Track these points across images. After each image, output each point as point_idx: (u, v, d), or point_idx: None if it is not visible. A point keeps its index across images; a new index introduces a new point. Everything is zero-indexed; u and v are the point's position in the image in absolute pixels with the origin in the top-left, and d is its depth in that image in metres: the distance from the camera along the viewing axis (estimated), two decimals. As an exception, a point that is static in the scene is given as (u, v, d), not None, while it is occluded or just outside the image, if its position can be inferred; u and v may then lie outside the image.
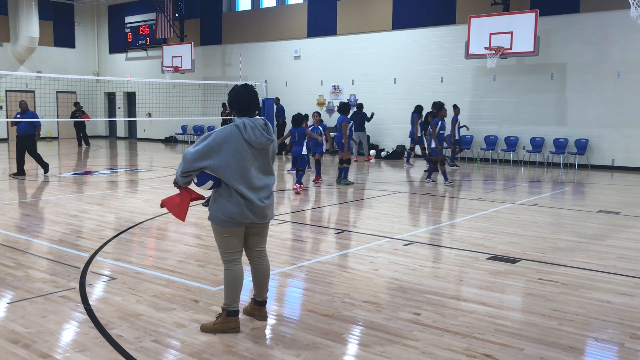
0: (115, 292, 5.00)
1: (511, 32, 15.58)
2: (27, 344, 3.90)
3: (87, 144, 23.46)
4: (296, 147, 11.12)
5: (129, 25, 27.92)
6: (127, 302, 4.74)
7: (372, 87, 20.07)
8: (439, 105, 12.57)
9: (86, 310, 4.54)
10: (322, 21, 21.16)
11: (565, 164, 16.72)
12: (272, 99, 21.30)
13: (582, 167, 16.34)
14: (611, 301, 4.87)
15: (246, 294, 4.76)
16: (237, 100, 4.06)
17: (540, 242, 7.04)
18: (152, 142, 26.95)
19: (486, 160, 18.06)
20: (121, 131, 29.51)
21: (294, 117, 11.13)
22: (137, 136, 28.74)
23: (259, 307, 4.35)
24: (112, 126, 30.12)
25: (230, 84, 21.93)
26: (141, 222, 8.11)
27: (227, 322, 4.08)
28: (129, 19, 28.06)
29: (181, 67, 23.06)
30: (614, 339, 4.10)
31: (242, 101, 4.05)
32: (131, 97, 28.34)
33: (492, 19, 15.99)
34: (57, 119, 25.78)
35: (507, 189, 12.25)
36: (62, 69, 27.17)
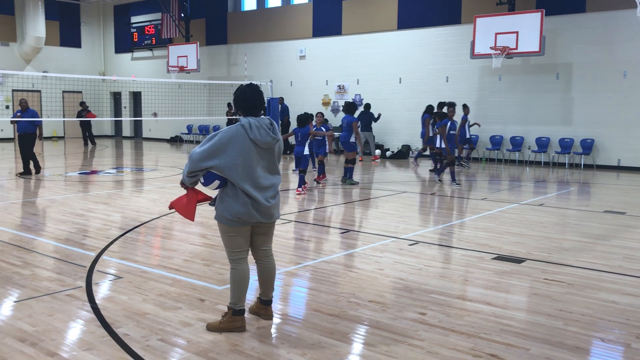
0: (121, 291, 5.02)
1: (517, 32, 15.55)
2: (34, 342, 3.92)
3: (93, 143, 23.53)
4: (298, 147, 11.06)
5: (134, 25, 27.99)
6: (133, 300, 4.76)
7: (377, 87, 20.06)
8: (449, 104, 12.66)
9: (92, 309, 4.56)
10: (327, 21, 21.16)
11: (570, 164, 16.67)
12: (277, 99, 21.31)
13: (588, 167, 16.29)
14: (617, 301, 4.85)
15: (252, 293, 4.78)
16: (243, 99, 4.07)
17: (545, 242, 7.03)
18: (157, 141, 27.02)
19: (491, 160, 18.02)
20: (127, 131, 29.59)
21: (299, 117, 11.09)
22: (143, 136, 28.81)
23: (264, 307, 4.37)
24: (117, 126, 30.21)
25: (235, 83, 21.95)
26: (147, 222, 8.13)
27: (233, 321, 4.10)
28: (134, 19, 28.14)
29: (187, 67, 23.10)
30: (620, 339, 4.10)
31: (248, 101, 4.07)
32: (137, 96, 28.42)
33: (498, 19, 15.96)
34: (64, 118, 25.87)
35: (512, 189, 12.22)
36: (68, 68, 27.26)
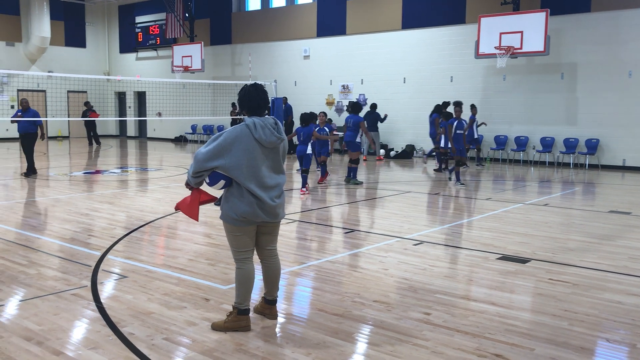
0: (126, 290, 5.03)
1: (521, 32, 15.51)
2: (40, 341, 3.94)
3: (97, 143, 23.58)
4: (301, 147, 11.00)
5: (139, 25, 28.04)
6: (138, 300, 4.77)
7: (382, 87, 20.05)
8: (456, 103, 12.61)
9: (98, 308, 4.58)
10: (331, 21, 21.16)
11: (575, 164, 16.62)
12: (282, 99, 21.32)
13: (593, 167, 16.24)
14: (622, 302, 4.84)
15: (256, 292, 4.78)
16: (247, 99, 4.08)
17: (550, 243, 7.02)
18: (162, 141, 27.06)
19: (496, 160, 17.99)
20: (131, 130, 29.65)
21: (303, 116, 11.06)
22: (147, 135, 28.86)
23: (269, 306, 4.37)
24: (122, 125, 30.27)
25: (239, 83, 21.97)
26: (152, 221, 8.15)
27: (238, 320, 4.11)
28: (139, 19, 28.18)
29: (191, 67, 23.13)
30: (625, 339, 4.09)
31: (252, 101, 4.08)
32: (141, 96, 28.47)
33: (502, 19, 15.93)
34: (68, 118, 25.94)
35: (517, 189, 12.20)
36: (73, 68, 27.33)
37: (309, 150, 11.01)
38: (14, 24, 26.00)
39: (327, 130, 12.10)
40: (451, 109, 13.76)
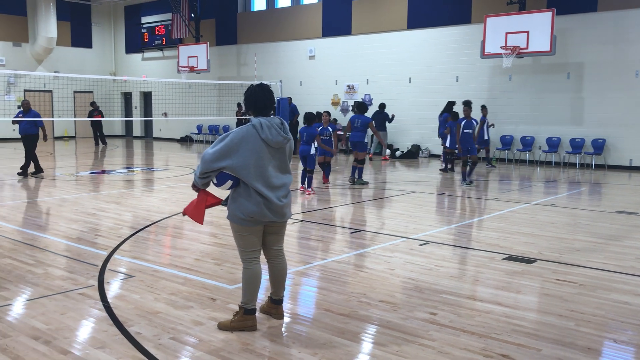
0: (133, 289, 5.05)
1: (527, 32, 15.48)
2: (47, 340, 3.96)
3: (104, 143, 23.66)
4: (304, 147, 10.95)
5: (145, 25, 28.12)
6: (145, 299, 4.79)
7: (387, 87, 20.04)
8: (465, 102, 12.50)
9: (105, 307, 4.60)
10: (337, 21, 21.16)
11: (581, 164, 16.57)
12: (287, 99, 21.33)
13: (599, 167, 16.19)
14: (630, 302, 4.83)
15: (262, 292, 4.79)
16: (254, 100, 4.09)
17: (556, 243, 7.00)
18: (167, 141, 27.13)
19: (502, 160, 17.95)
20: (137, 131, 29.73)
21: (306, 115, 11.04)
22: (153, 136, 28.94)
23: (275, 306, 4.38)
24: (128, 126, 30.36)
25: (245, 83, 22.00)
26: (158, 221, 8.18)
27: (244, 320, 4.12)
28: (145, 19, 28.26)
29: (197, 67, 23.18)
30: (632, 340, 4.08)
31: (259, 101, 4.09)
32: (147, 96, 28.54)
33: (508, 18, 15.90)
34: (75, 118, 26.03)
35: (523, 189, 12.17)
36: (80, 69, 27.43)
37: (313, 150, 10.97)
38: (21, 25, 26.12)
39: (330, 130, 12.02)
40: (456, 109, 13.75)
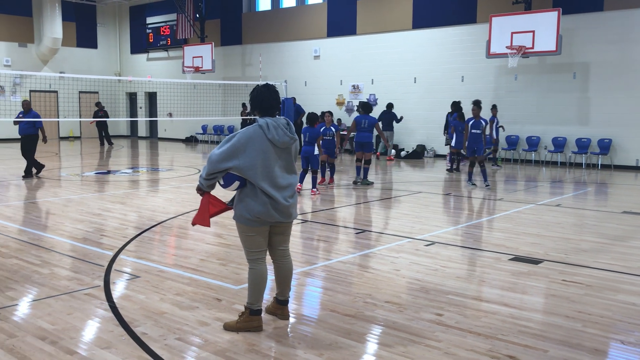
0: (138, 290, 5.05)
1: (533, 31, 15.42)
2: (54, 340, 3.96)
3: (110, 143, 23.71)
4: (307, 147, 10.90)
5: (150, 25, 28.17)
6: (150, 300, 4.79)
7: (392, 87, 20.01)
8: (474, 102, 12.28)
9: (111, 307, 4.60)
10: (341, 21, 21.15)
11: (588, 164, 16.51)
12: (292, 99, 21.32)
13: (605, 167, 16.12)
14: (637, 303, 4.80)
15: (268, 293, 4.79)
16: (260, 100, 4.09)
17: (563, 243, 6.97)
18: (172, 141, 27.17)
19: (507, 160, 17.90)
20: (142, 131, 29.79)
21: (309, 116, 11.02)
22: (158, 136, 28.98)
23: (281, 307, 4.38)
24: (133, 126, 30.42)
25: (250, 84, 22.01)
26: (163, 221, 8.18)
27: (250, 320, 4.11)
28: (150, 20, 28.31)
29: (202, 68, 23.21)
30: (640, 341, 4.06)
31: (265, 101, 4.09)
32: (152, 97, 28.60)
33: (514, 18, 15.85)
34: (80, 118, 26.10)
35: (528, 189, 12.13)
36: (85, 69, 27.50)
37: (316, 151, 10.94)
38: (27, 25, 26.20)
39: (333, 130, 11.97)
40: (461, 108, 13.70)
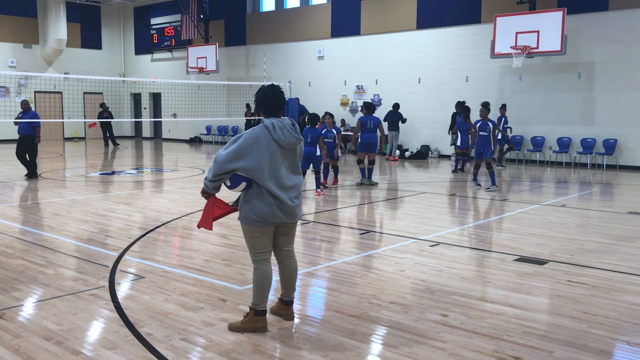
0: (143, 290, 5.06)
1: (538, 31, 15.39)
2: (59, 340, 3.97)
3: (115, 144, 23.74)
4: (308, 148, 10.87)
5: (154, 26, 28.22)
6: (155, 300, 4.79)
7: (396, 87, 19.99)
8: (483, 104, 12.11)
9: (116, 308, 4.61)
10: (345, 21, 21.14)
11: (593, 165, 16.45)
12: (296, 99, 21.34)
13: (611, 167, 16.06)
14: (643, 304, 4.78)
15: (272, 293, 4.79)
16: (265, 100, 4.09)
17: (568, 244, 6.95)
18: (177, 142, 27.20)
19: (512, 160, 17.85)
20: (147, 131, 29.84)
21: (310, 116, 11.01)
22: (162, 136, 29.03)
23: (286, 307, 4.37)
24: (137, 127, 30.47)
25: (254, 84, 22.03)
26: (168, 222, 8.19)
27: (254, 321, 4.11)
28: (154, 21, 28.36)
29: (206, 68, 23.23)
30: (646, 342, 4.04)
31: (270, 102, 4.09)
32: (156, 97, 28.64)
33: (518, 18, 15.82)
34: (84, 119, 26.16)
35: (533, 189, 12.10)
36: (89, 70, 27.57)
37: (318, 152, 10.92)
38: (31, 27, 26.28)
39: (334, 132, 11.90)
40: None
